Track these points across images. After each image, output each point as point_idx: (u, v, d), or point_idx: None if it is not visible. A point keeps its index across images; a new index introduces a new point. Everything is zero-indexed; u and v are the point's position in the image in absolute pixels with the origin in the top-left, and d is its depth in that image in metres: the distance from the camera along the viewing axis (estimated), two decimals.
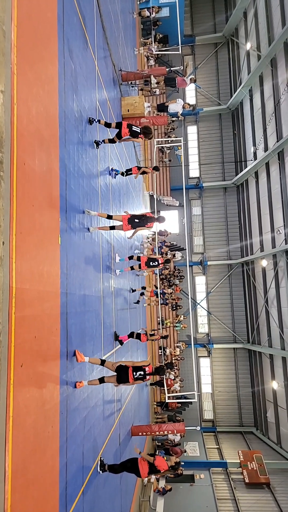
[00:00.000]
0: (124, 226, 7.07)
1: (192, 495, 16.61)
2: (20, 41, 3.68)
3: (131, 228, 7.18)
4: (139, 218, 7.19)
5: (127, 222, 7.05)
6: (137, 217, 7.22)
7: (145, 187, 21.02)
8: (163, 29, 23.26)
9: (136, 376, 6.05)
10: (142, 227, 7.30)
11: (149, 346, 16.73)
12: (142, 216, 7.30)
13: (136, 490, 11.98)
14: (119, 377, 6.02)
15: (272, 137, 20.71)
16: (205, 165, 27.81)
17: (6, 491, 3.08)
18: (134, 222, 7.13)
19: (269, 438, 21.99)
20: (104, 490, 6.89)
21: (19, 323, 3.45)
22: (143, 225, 7.22)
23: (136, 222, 7.14)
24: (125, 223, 7.04)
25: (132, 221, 7.11)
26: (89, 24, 7.13)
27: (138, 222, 7.16)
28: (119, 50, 11.71)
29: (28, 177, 3.82)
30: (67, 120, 5.38)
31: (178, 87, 14.15)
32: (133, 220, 7.12)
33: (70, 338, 5.11)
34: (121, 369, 6.05)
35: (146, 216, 7.32)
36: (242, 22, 24.94)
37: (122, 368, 6.07)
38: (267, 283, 21.86)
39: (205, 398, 25.74)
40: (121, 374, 6.02)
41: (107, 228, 7.20)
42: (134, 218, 7.16)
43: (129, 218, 7.10)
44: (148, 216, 7.37)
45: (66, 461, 4.68)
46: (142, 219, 7.20)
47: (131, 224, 7.10)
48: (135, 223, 7.14)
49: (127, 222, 7.04)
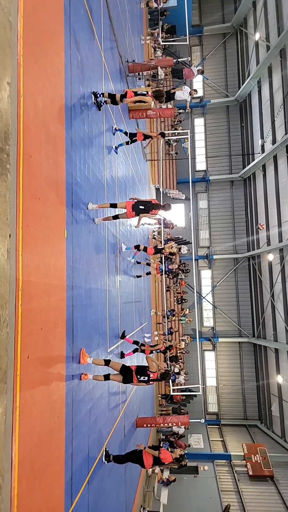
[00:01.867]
0: (128, 213, 6.84)
1: (196, 486, 16.78)
2: (26, 33, 3.66)
3: (135, 215, 6.95)
4: (144, 205, 6.94)
5: (131, 208, 6.83)
6: (142, 203, 6.98)
7: (151, 180, 20.93)
8: (170, 19, 22.94)
9: (140, 379, 6.15)
10: (147, 214, 7.02)
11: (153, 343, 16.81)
12: (147, 202, 7.05)
13: (141, 480, 12.13)
14: (124, 379, 6.13)
15: (280, 130, 20.43)
16: (212, 158, 27.55)
17: (13, 480, 3.13)
18: (138, 208, 6.88)
19: (273, 432, 22.07)
20: (109, 480, 6.98)
21: (26, 315, 3.47)
22: (147, 211, 6.96)
23: (140, 208, 6.89)
24: (129, 209, 6.82)
25: (137, 207, 6.87)
26: (96, 15, 7.06)
27: (143, 209, 6.91)
28: (126, 41, 11.58)
29: (34, 170, 3.82)
30: (73, 112, 5.35)
31: (185, 78, 14.00)
32: (138, 207, 6.88)
33: (76, 330, 5.15)
34: (126, 371, 6.15)
35: (151, 203, 7.05)
36: (251, 12, 24.48)
37: (127, 369, 6.17)
38: (273, 277, 21.75)
39: (209, 391, 25.84)
40: (126, 376, 6.12)
41: (110, 218, 7.01)
42: (139, 204, 6.92)
43: (133, 204, 6.87)
44: (153, 202, 7.10)
45: (71, 451, 4.74)
46: (147, 205, 6.95)
47: (135, 211, 6.86)
48: (139, 209, 6.89)
49: (131, 209, 6.82)
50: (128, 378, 6.11)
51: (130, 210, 6.82)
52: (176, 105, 24.90)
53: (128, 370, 6.14)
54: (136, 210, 6.86)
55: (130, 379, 6.11)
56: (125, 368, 6.17)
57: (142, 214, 6.96)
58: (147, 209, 6.93)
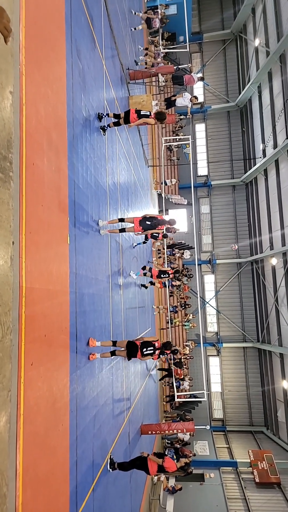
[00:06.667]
0: (136, 227, 7.16)
1: (202, 494, 16.58)
2: (28, 42, 3.70)
3: (141, 231, 7.26)
4: (150, 220, 7.27)
5: (139, 224, 7.15)
6: (149, 219, 7.30)
7: (153, 186, 20.99)
8: (170, 27, 23.16)
9: (146, 352, 6.53)
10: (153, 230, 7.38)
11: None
12: (154, 218, 7.35)
13: (146, 488, 12.00)
14: (129, 352, 6.46)
15: (281, 134, 20.47)
16: (213, 163, 27.62)
17: (17, 488, 3.11)
18: (145, 224, 7.21)
19: (279, 438, 21.81)
20: (114, 488, 6.92)
21: (29, 321, 3.47)
22: (154, 227, 7.30)
23: (147, 224, 7.23)
24: (137, 224, 7.14)
25: (144, 223, 7.20)
26: (96, 24, 7.14)
27: (150, 225, 7.24)
28: (127, 49, 11.70)
29: (37, 177, 3.84)
30: (75, 119, 5.39)
31: (186, 85, 14.07)
32: (145, 222, 7.21)
33: (80, 337, 5.14)
34: (131, 345, 6.51)
35: (157, 218, 7.36)
36: (250, 18, 24.68)
37: (132, 344, 6.52)
38: (277, 282, 21.65)
39: (214, 397, 25.63)
40: (131, 350, 6.46)
41: (117, 231, 7.30)
42: (146, 220, 7.24)
43: (140, 220, 7.18)
44: (159, 218, 7.40)
45: (76, 459, 4.71)
46: (153, 221, 7.28)
47: (143, 226, 7.18)
48: (146, 225, 7.22)
49: (138, 224, 7.14)
50: (133, 352, 6.47)
51: (138, 225, 7.13)
52: (177, 111, 25.05)
53: (134, 345, 6.51)
54: (143, 225, 7.18)
55: (135, 353, 6.48)
56: (131, 343, 6.54)
57: (149, 230, 7.33)
58: (153, 225, 7.29)
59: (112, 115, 7.34)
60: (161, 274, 11.77)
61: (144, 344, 6.59)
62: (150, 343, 6.65)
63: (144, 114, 7.24)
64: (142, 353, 6.52)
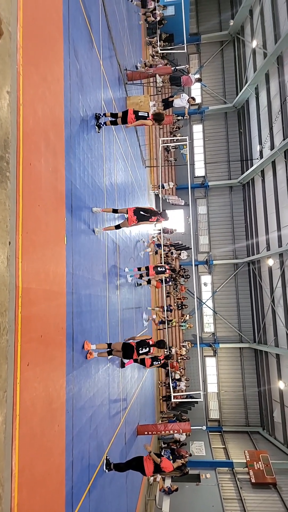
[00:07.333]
0: (130, 218, 7.12)
1: (198, 494, 16.59)
2: (26, 42, 3.70)
3: (136, 220, 7.22)
4: (144, 211, 7.30)
5: (133, 213, 7.13)
6: (143, 209, 7.34)
7: (150, 187, 21.00)
8: (168, 28, 23.18)
9: (141, 352, 6.62)
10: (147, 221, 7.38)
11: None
12: (148, 209, 7.40)
13: (142, 489, 12.00)
14: (125, 353, 6.51)
15: (278, 135, 20.56)
16: (210, 164, 27.69)
17: (13, 489, 3.10)
18: (140, 214, 7.21)
19: (275, 438, 21.87)
20: (110, 488, 6.91)
21: (26, 322, 3.47)
22: (148, 218, 7.31)
23: (141, 214, 7.23)
24: (131, 214, 7.12)
25: (138, 213, 7.20)
26: (94, 24, 7.14)
27: (144, 215, 7.25)
28: (125, 49, 11.70)
29: (34, 178, 3.84)
30: (72, 120, 5.39)
31: (183, 85, 14.10)
32: (139, 212, 7.21)
33: (76, 337, 5.13)
34: (126, 346, 6.56)
35: (151, 210, 7.43)
36: (248, 20, 24.78)
37: (127, 346, 6.58)
38: (274, 282, 21.72)
39: (211, 398, 25.67)
40: (127, 351, 6.51)
41: (113, 228, 7.29)
42: (140, 210, 7.27)
43: (134, 210, 7.19)
44: (152, 210, 7.48)
45: (72, 459, 4.70)
46: (147, 212, 7.30)
47: (137, 216, 7.17)
48: (140, 215, 7.22)
49: (132, 214, 7.12)
50: (129, 353, 6.52)
51: (132, 215, 7.11)
52: (174, 112, 25.10)
53: (129, 346, 6.56)
54: (137, 215, 7.17)
55: (131, 354, 6.53)
56: (125, 344, 6.59)
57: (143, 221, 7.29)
58: (147, 216, 7.29)
59: (109, 114, 7.35)
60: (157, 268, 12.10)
61: (139, 344, 6.69)
62: (144, 342, 6.77)
63: (142, 116, 7.25)
64: (138, 353, 6.59)
